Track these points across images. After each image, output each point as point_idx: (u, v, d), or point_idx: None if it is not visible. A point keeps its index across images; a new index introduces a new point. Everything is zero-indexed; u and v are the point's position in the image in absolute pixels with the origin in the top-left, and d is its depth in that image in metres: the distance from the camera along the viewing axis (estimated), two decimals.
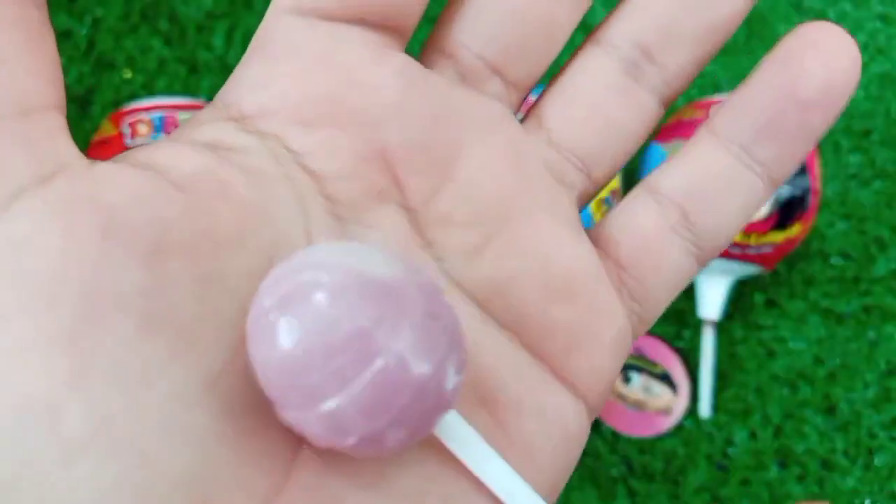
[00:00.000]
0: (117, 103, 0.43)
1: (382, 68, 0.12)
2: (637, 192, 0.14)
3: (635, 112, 0.14)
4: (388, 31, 0.13)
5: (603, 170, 0.14)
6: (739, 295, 0.43)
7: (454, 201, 0.13)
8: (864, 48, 0.48)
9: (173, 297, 0.10)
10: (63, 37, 0.45)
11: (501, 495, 0.11)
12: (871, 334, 0.42)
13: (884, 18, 0.49)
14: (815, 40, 0.13)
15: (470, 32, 0.13)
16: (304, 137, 0.12)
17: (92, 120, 0.43)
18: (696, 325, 0.42)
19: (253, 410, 0.11)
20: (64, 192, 0.10)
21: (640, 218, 0.14)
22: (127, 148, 0.34)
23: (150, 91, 0.44)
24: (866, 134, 0.46)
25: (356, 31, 0.12)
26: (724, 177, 0.14)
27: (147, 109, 0.35)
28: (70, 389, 0.09)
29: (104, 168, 0.11)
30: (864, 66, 0.48)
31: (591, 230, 0.14)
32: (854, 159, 0.46)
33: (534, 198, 0.13)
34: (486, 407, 0.12)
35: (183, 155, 0.11)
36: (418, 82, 0.13)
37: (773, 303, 0.43)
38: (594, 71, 0.14)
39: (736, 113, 0.13)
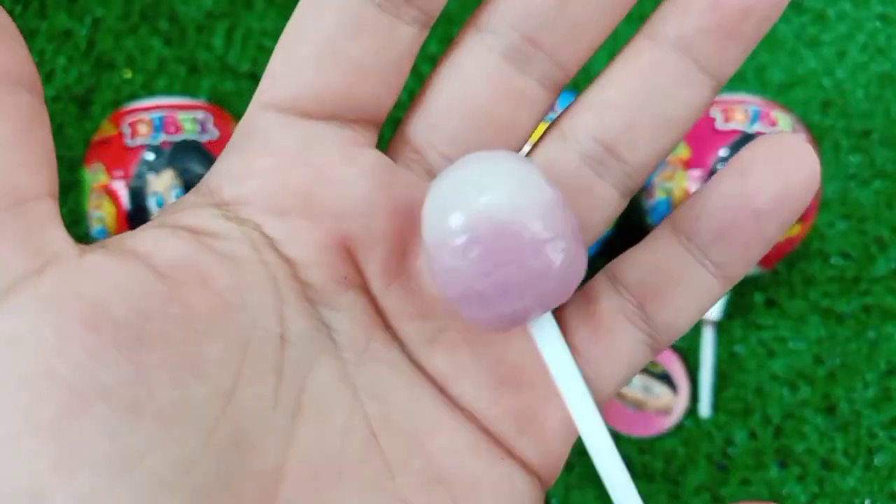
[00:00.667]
0: (117, 103, 0.44)
1: (351, 167, 0.13)
2: (599, 278, 0.15)
3: (597, 208, 0.14)
4: (361, 124, 0.13)
5: None
6: (739, 295, 0.43)
7: (409, 294, 0.14)
8: (864, 48, 0.48)
9: (152, 385, 0.11)
10: (63, 36, 0.45)
11: (569, 402, 0.13)
12: (871, 334, 0.42)
13: (884, 18, 0.49)
14: (772, 153, 0.13)
15: (434, 132, 0.14)
16: (278, 226, 0.13)
17: (92, 120, 0.43)
18: (696, 324, 0.42)
19: (224, 489, 0.11)
20: (53, 287, 0.11)
21: (597, 305, 0.15)
22: (127, 148, 0.34)
23: (149, 91, 0.44)
24: (866, 134, 0.46)
25: (330, 128, 0.13)
26: (682, 274, 0.14)
27: (147, 109, 0.35)
28: (54, 478, 0.10)
29: (91, 259, 0.11)
30: (864, 66, 0.48)
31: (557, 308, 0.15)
32: (854, 159, 0.46)
33: None
34: (442, 484, 0.13)
35: (166, 242, 0.12)
36: (384, 180, 0.13)
37: (772, 302, 0.43)
38: (557, 164, 0.14)
39: (695, 214, 0.14)
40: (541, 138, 0.15)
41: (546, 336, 0.13)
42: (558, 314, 0.15)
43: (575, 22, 0.13)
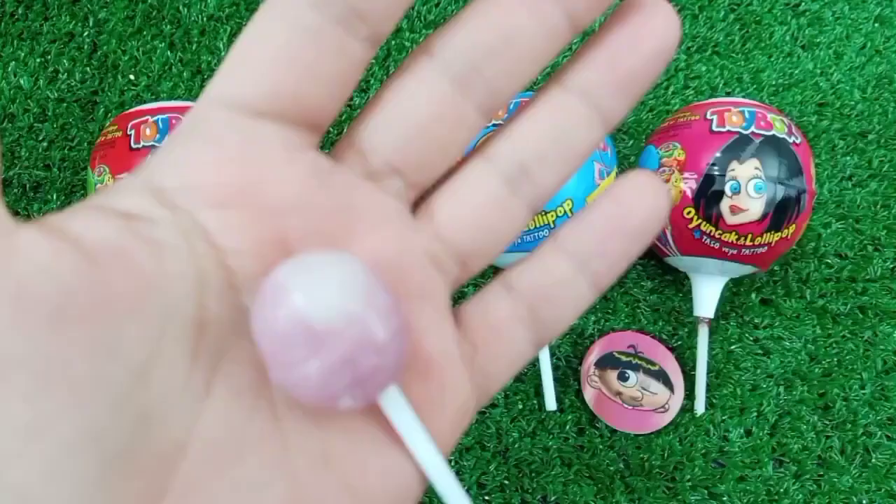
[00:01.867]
0: (122, 105, 0.44)
1: (292, 167, 0.14)
2: (494, 286, 0.17)
3: (509, 220, 0.16)
4: (305, 127, 0.14)
5: (477, 263, 0.16)
6: (735, 294, 0.43)
7: None
8: (861, 49, 0.48)
9: (68, 359, 0.11)
10: (66, 38, 0.45)
11: (420, 460, 0.14)
12: (868, 333, 0.43)
13: (881, 20, 0.49)
14: (640, 186, 0.16)
15: (380, 139, 0.15)
16: (215, 217, 0.14)
17: (96, 122, 0.44)
18: (692, 323, 0.42)
19: (128, 460, 0.12)
20: None
21: (494, 309, 0.17)
22: (132, 150, 0.35)
23: (154, 94, 0.44)
24: (863, 135, 0.46)
25: (275, 128, 0.14)
26: (565, 282, 0.17)
27: (152, 112, 0.36)
28: None
29: (24, 237, 0.12)
30: (861, 67, 0.48)
31: (456, 310, 0.17)
32: (850, 160, 0.46)
33: (411, 286, 0.15)
34: (333, 464, 0.14)
35: (96, 224, 0.13)
36: (322, 180, 0.15)
37: (768, 302, 0.43)
38: (480, 180, 0.16)
39: (578, 232, 0.17)
40: (465, 159, 0.16)
41: (394, 407, 0.14)
42: (460, 315, 0.17)
43: (516, 57, 0.15)
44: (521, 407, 0.41)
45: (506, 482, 0.40)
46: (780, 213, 0.36)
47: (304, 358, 0.13)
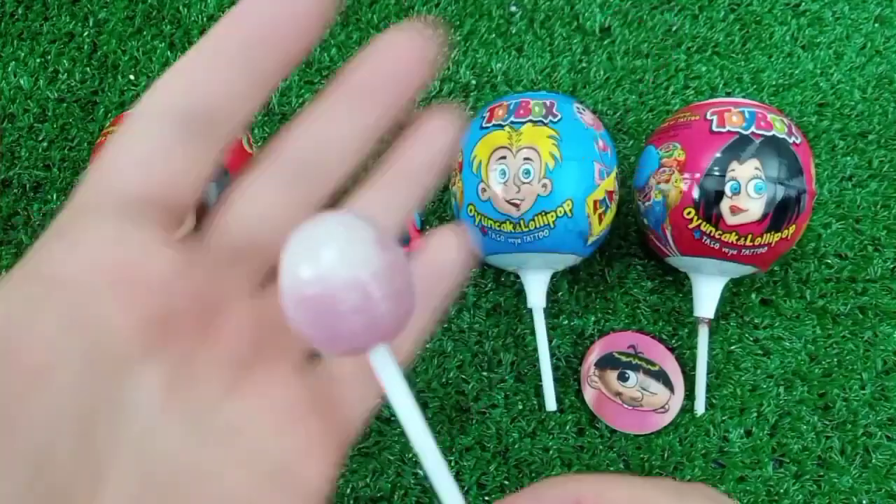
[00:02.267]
0: (122, 105, 0.44)
1: (159, 253, 0.16)
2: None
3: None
4: (173, 212, 0.17)
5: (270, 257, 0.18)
6: (735, 294, 0.43)
7: (209, 357, 0.17)
8: (861, 49, 0.48)
9: None
10: (66, 38, 0.45)
11: (402, 418, 0.16)
12: (868, 334, 0.43)
13: (881, 20, 0.49)
14: (446, 236, 0.19)
15: (233, 225, 0.18)
16: (96, 301, 0.15)
17: (96, 122, 0.44)
18: (692, 323, 0.42)
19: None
20: None
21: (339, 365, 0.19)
22: None
23: None
24: (863, 135, 0.46)
25: (149, 213, 0.16)
26: None
27: None
28: None
29: None
30: (861, 68, 0.48)
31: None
32: (850, 160, 0.46)
33: (277, 349, 0.17)
34: (237, 441, 0.16)
35: None
36: (187, 264, 0.16)
37: (768, 302, 0.43)
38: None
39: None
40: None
41: (382, 364, 0.16)
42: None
43: (337, 157, 0.18)
44: (521, 407, 0.41)
45: (506, 482, 0.40)
46: (780, 213, 0.36)
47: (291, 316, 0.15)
